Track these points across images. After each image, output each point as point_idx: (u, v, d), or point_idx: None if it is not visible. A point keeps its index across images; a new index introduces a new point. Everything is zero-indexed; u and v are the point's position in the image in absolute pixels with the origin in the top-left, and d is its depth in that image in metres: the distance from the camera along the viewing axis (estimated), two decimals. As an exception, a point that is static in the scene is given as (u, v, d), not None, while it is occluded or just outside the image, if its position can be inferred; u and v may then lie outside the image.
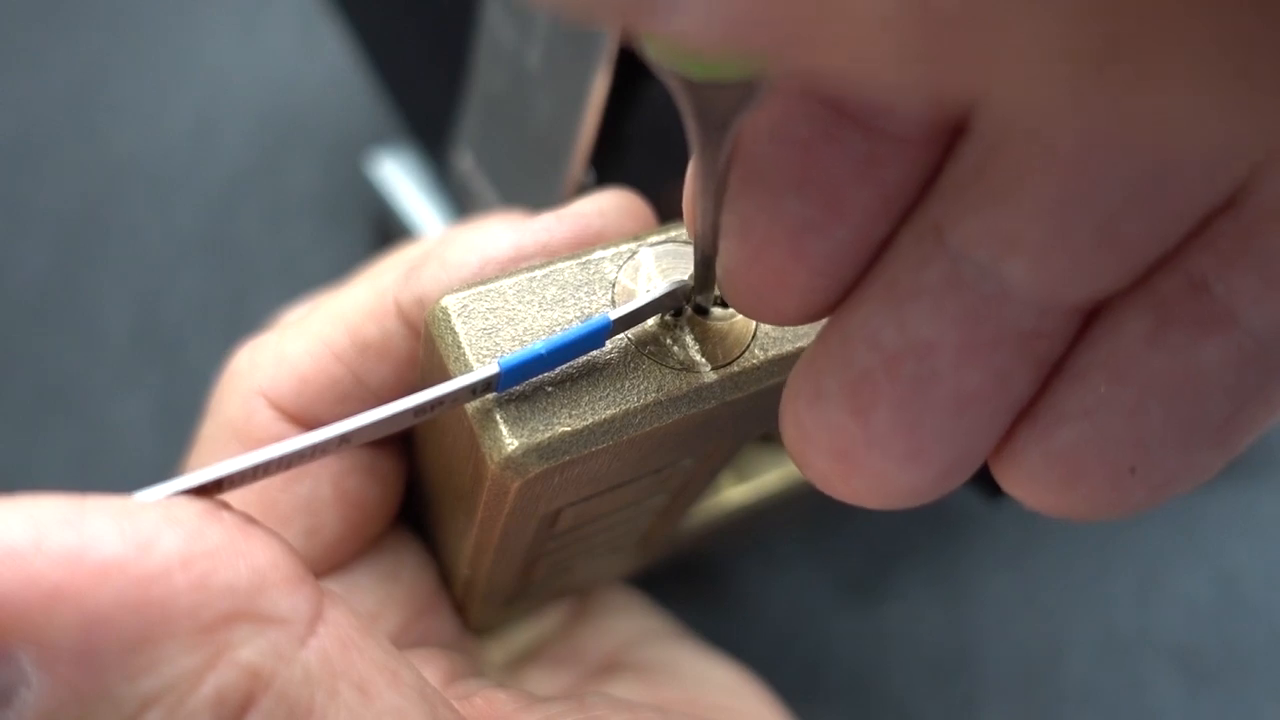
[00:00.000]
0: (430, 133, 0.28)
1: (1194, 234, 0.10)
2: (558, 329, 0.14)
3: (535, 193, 0.23)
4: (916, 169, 0.11)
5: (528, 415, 0.13)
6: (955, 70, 0.07)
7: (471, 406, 0.13)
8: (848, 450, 0.12)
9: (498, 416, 0.13)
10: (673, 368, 0.14)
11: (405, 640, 0.18)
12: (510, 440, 0.13)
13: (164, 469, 0.15)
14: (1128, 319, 0.11)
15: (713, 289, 0.14)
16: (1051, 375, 0.11)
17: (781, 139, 0.11)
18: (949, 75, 0.07)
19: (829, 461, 0.12)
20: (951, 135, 0.11)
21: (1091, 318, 0.11)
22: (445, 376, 0.13)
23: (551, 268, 0.14)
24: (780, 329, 0.15)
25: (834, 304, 0.12)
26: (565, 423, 0.13)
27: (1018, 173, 0.10)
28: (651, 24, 0.07)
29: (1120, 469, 0.11)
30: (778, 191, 0.11)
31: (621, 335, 0.14)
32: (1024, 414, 0.11)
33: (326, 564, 0.17)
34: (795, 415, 0.12)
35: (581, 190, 0.21)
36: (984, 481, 0.24)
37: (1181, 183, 0.10)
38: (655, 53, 0.10)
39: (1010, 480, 0.12)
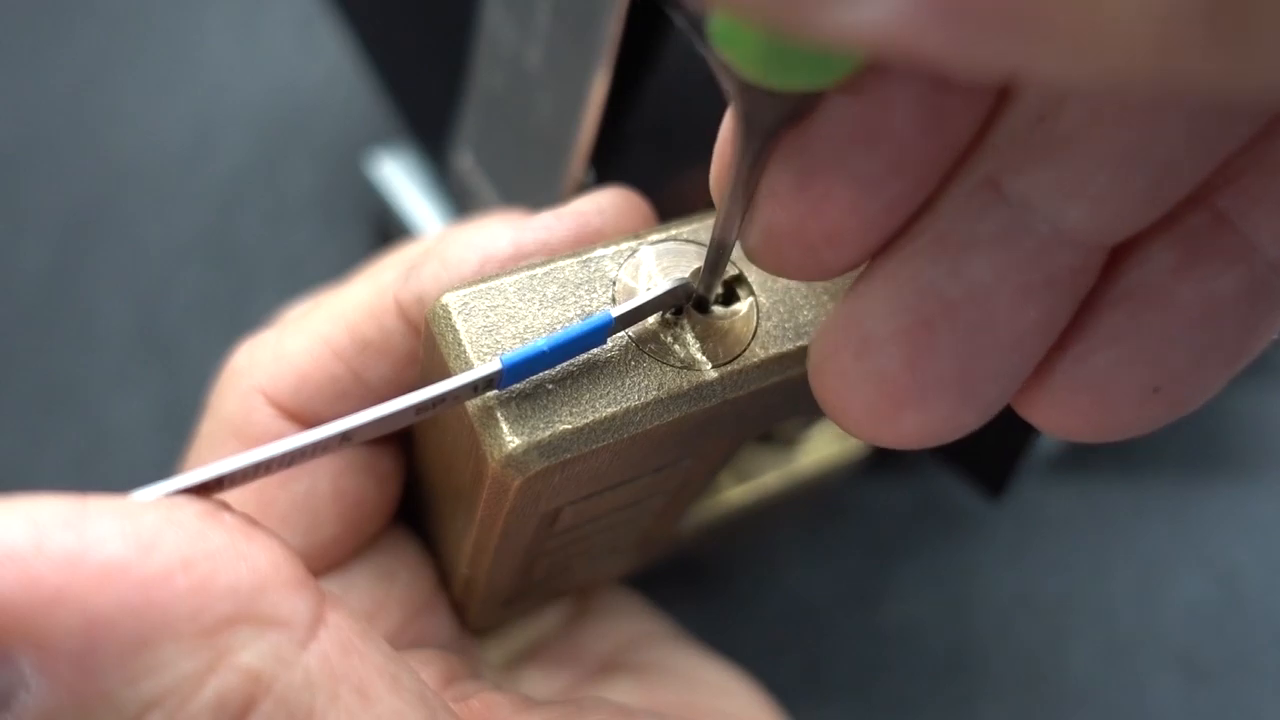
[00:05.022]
0: (430, 133, 0.28)
1: (1219, 171, 0.11)
2: (558, 327, 0.14)
3: (535, 192, 0.23)
4: (976, 121, 0.11)
5: (529, 413, 0.13)
6: (1101, 54, 0.07)
7: (472, 404, 0.13)
8: (899, 397, 0.12)
9: (499, 414, 0.13)
10: (674, 365, 0.14)
11: (402, 640, 0.18)
12: (511, 438, 0.13)
13: (164, 469, 0.15)
14: (1155, 252, 0.11)
15: (722, 275, 0.14)
16: (1082, 307, 0.12)
17: (854, 90, 0.11)
18: (1097, 60, 0.07)
19: (877, 409, 0.12)
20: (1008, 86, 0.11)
21: (1119, 252, 0.12)
22: (446, 374, 0.13)
23: (552, 266, 0.14)
24: (781, 328, 0.15)
25: (870, 257, 0.12)
26: (566, 420, 0.13)
27: (1085, 122, 0.10)
28: (817, 19, 0.07)
29: (1146, 389, 0.12)
30: (846, 146, 0.11)
31: (622, 333, 0.14)
32: (1056, 345, 0.12)
33: (324, 563, 0.17)
34: (839, 368, 0.12)
35: (582, 189, 0.21)
36: (984, 481, 0.24)
37: (1235, 126, 0.10)
38: (725, 48, 0.10)
39: (1039, 407, 0.12)
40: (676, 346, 0.14)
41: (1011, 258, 0.11)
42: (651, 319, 0.14)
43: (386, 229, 0.32)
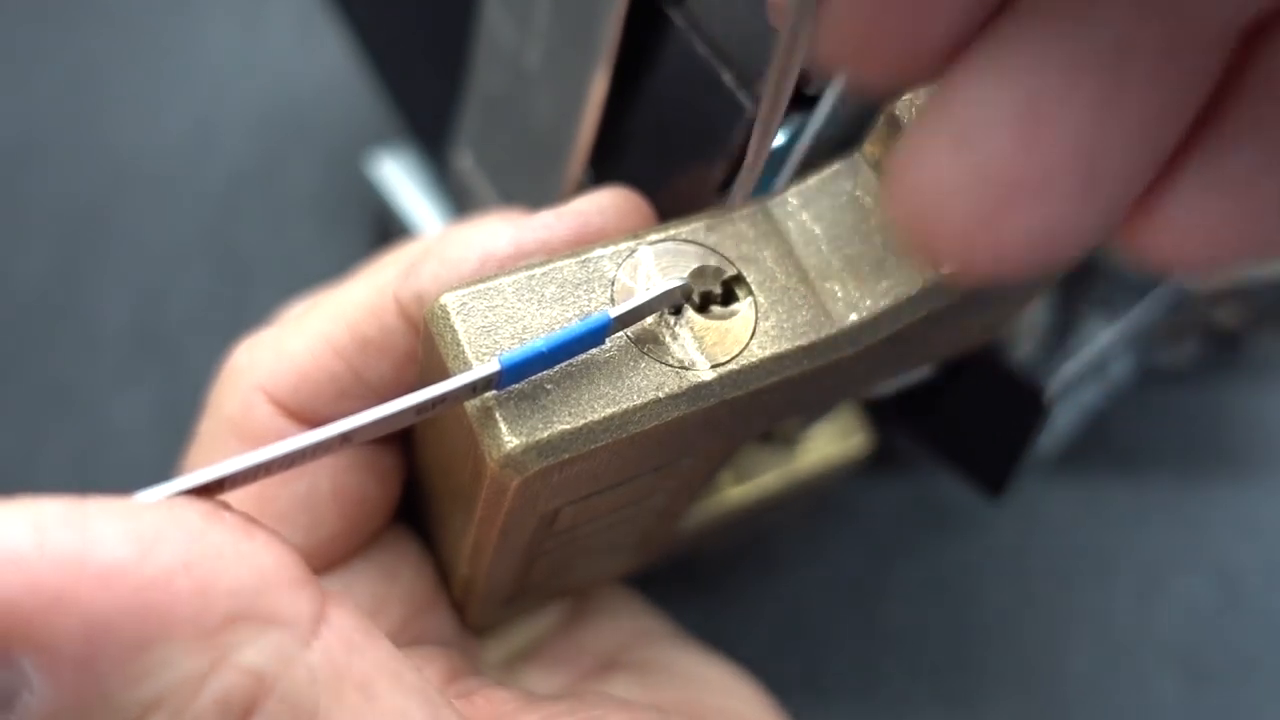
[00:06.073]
0: (430, 133, 0.28)
1: None
2: (557, 327, 0.14)
3: (535, 192, 0.23)
4: None
5: (527, 413, 0.13)
6: None
7: (471, 404, 0.13)
8: (1012, 188, 0.10)
9: (497, 414, 0.13)
10: (672, 366, 0.14)
11: (403, 638, 0.18)
12: (510, 438, 0.13)
13: (164, 469, 0.15)
14: None
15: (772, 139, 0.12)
16: (1209, 105, 0.10)
17: None
18: None
19: (982, 209, 0.10)
20: None
21: (1249, 40, 0.10)
22: (444, 374, 0.13)
23: (551, 266, 0.14)
24: (780, 328, 0.15)
25: (968, 38, 0.10)
26: (564, 420, 0.13)
27: None
28: None
29: None
30: None
31: (620, 333, 0.14)
32: (1180, 151, 0.11)
33: (324, 561, 0.17)
34: (932, 167, 0.10)
35: (581, 190, 0.21)
36: (984, 481, 0.24)
37: None
38: None
39: (1166, 221, 0.11)
40: (675, 347, 0.14)
41: (1155, 7, 0.10)
42: (650, 319, 0.14)
43: (386, 229, 0.32)
